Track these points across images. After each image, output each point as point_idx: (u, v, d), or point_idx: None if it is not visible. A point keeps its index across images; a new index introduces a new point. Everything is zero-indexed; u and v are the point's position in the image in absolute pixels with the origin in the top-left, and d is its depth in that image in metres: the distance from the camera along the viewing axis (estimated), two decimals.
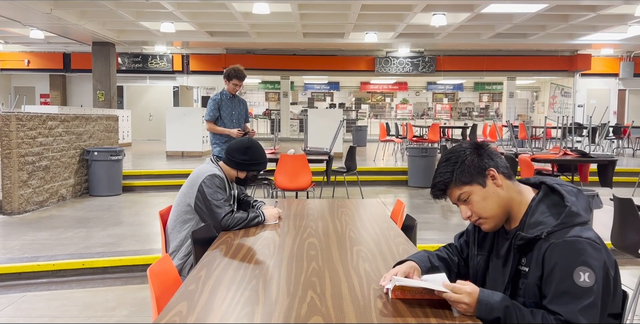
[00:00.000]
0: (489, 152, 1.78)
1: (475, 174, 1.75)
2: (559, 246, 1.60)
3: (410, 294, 1.76)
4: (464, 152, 1.77)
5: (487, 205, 1.75)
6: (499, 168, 1.76)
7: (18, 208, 6.47)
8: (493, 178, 1.74)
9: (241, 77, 5.62)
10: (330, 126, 11.24)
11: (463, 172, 1.76)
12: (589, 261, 1.56)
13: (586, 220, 1.66)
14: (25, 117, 6.59)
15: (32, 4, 10.74)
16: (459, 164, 1.76)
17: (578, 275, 1.55)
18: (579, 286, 1.55)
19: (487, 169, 1.75)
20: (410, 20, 12.65)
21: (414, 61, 18.55)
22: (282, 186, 6.26)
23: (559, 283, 1.58)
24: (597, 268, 1.56)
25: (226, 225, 2.88)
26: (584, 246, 1.58)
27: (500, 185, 1.74)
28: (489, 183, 1.75)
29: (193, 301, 1.78)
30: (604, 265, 1.59)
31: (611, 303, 1.65)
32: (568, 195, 1.70)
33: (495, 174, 1.74)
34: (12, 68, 18.75)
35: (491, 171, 1.74)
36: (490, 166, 1.75)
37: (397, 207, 3.46)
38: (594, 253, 1.57)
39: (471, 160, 1.75)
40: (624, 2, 10.24)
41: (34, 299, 4.08)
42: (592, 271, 1.55)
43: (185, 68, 18.89)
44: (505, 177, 1.76)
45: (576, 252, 1.58)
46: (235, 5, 11.32)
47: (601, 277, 1.56)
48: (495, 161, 1.76)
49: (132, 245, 5.13)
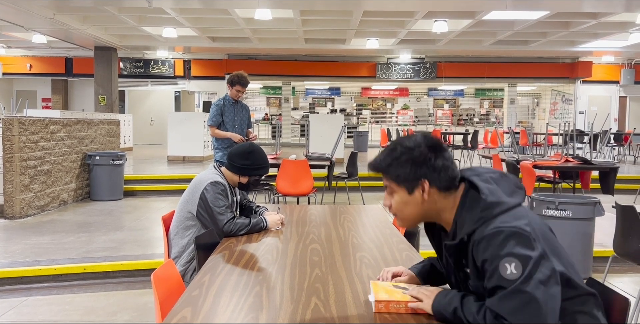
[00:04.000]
0: (438, 159, 1.65)
1: (407, 179, 1.66)
2: (482, 242, 1.51)
3: (394, 309, 1.74)
4: (413, 151, 1.66)
5: (405, 209, 1.70)
6: (437, 181, 1.64)
7: (19, 212, 6.47)
8: (422, 190, 1.65)
9: (244, 83, 5.64)
10: (331, 132, 11.25)
11: (397, 170, 1.67)
12: (513, 251, 1.44)
13: (512, 205, 1.56)
14: (28, 121, 6.60)
15: (35, 9, 10.79)
16: (398, 160, 1.67)
17: (504, 268, 1.44)
18: (507, 279, 1.44)
19: (420, 179, 1.64)
20: (411, 27, 12.69)
21: (415, 67, 18.59)
22: (284, 191, 6.26)
23: (489, 280, 1.49)
24: (524, 256, 1.44)
25: (228, 231, 2.89)
26: (506, 236, 1.47)
27: (425, 198, 1.65)
28: (416, 192, 1.66)
29: (197, 307, 1.78)
30: (537, 252, 1.45)
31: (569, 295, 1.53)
32: (484, 184, 1.61)
33: (426, 187, 1.64)
34: (14, 73, 18.80)
35: (424, 184, 1.64)
36: (425, 178, 1.64)
37: None
38: (520, 241, 1.46)
39: (412, 162, 1.64)
40: (625, 10, 10.27)
41: (35, 303, 4.08)
42: (517, 261, 1.43)
43: (187, 73, 18.94)
44: (440, 190, 1.65)
45: (498, 244, 1.47)
46: (237, 11, 11.37)
47: (533, 266, 1.43)
48: (437, 171, 1.63)
49: (134, 250, 5.13)
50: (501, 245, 1.47)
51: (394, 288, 1.84)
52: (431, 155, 1.64)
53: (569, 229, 4.52)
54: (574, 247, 4.56)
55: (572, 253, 4.59)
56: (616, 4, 9.78)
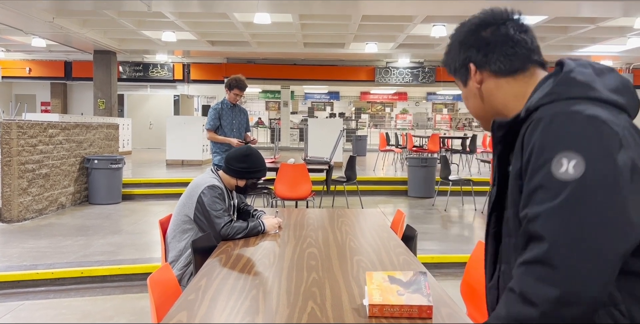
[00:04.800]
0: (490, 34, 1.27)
1: (456, 68, 1.35)
2: (541, 123, 1.07)
3: (388, 313, 1.73)
4: (459, 32, 1.35)
5: (469, 104, 1.36)
6: (486, 63, 1.27)
7: (17, 216, 6.46)
8: (477, 77, 1.29)
9: (242, 87, 5.64)
10: (330, 135, 11.26)
11: (447, 60, 1.38)
12: (579, 145, 1.00)
13: (605, 98, 1.08)
14: (26, 125, 6.60)
15: (34, 13, 10.80)
16: (449, 48, 1.37)
17: (559, 164, 1.01)
18: (557, 179, 1.00)
19: (466, 64, 1.30)
20: (410, 31, 12.72)
21: (413, 71, 18.63)
22: (282, 195, 6.26)
23: (531, 176, 1.06)
24: (594, 156, 0.99)
25: (225, 234, 2.88)
26: (579, 123, 1.03)
27: (477, 87, 1.30)
28: (470, 82, 1.32)
29: (193, 311, 1.78)
30: (614, 157, 0.99)
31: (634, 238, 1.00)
32: (576, 65, 1.17)
33: (471, 71, 1.29)
34: (13, 76, 18.80)
35: (471, 67, 1.29)
36: (471, 61, 1.29)
37: (397, 217, 3.46)
38: (595, 135, 1.01)
39: (458, 45, 1.33)
40: (623, 15, 10.30)
41: (33, 307, 4.06)
42: (581, 159, 0.99)
43: (186, 77, 18.95)
44: (497, 75, 1.26)
45: (563, 131, 1.03)
46: (236, 15, 11.39)
47: (600, 172, 0.99)
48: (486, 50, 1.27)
49: (131, 254, 5.12)
50: (567, 133, 1.03)
51: (389, 284, 1.81)
52: (478, 32, 1.29)
53: None
54: None
55: None
56: (614, 9, 9.80)
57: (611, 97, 1.09)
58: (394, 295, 1.76)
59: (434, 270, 4.97)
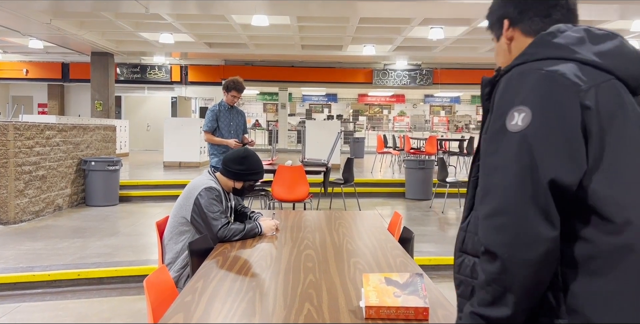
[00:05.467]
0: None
1: (492, 21, 1.35)
2: (502, 82, 1.15)
3: (384, 314, 1.73)
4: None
5: (498, 60, 1.37)
6: (520, 21, 1.27)
7: (14, 218, 6.44)
8: (508, 33, 1.30)
9: (240, 89, 5.65)
10: (327, 137, 11.27)
11: (489, 13, 1.38)
12: (529, 98, 1.06)
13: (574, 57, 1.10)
14: (23, 127, 6.59)
15: (31, 14, 10.80)
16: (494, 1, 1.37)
17: (511, 116, 1.07)
18: (508, 131, 1.07)
19: (502, 20, 1.30)
20: (408, 34, 12.74)
21: (411, 74, 18.66)
22: (280, 197, 6.26)
23: (488, 129, 1.14)
24: (541, 107, 1.05)
25: (222, 236, 2.88)
26: (534, 79, 1.08)
27: (508, 43, 1.30)
28: (502, 38, 1.32)
29: (189, 313, 1.78)
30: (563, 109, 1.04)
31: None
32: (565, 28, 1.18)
33: (505, 27, 1.29)
34: (10, 78, 18.78)
35: (505, 22, 1.29)
36: (507, 17, 1.29)
37: (395, 219, 3.46)
38: (546, 89, 1.06)
39: (497, 2, 1.34)
40: (620, 18, 10.34)
41: (29, 309, 4.05)
42: (529, 111, 1.05)
43: (184, 79, 18.94)
44: (527, 34, 1.26)
45: (519, 86, 1.09)
46: (234, 17, 11.40)
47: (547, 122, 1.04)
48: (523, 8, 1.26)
49: (128, 256, 5.11)
50: (521, 88, 1.08)
51: (386, 285, 1.81)
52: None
53: None
54: None
55: None
56: (611, 12, 9.84)
57: (590, 58, 1.09)
58: (391, 297, 1.76)
59: (430, 272, 4.97)
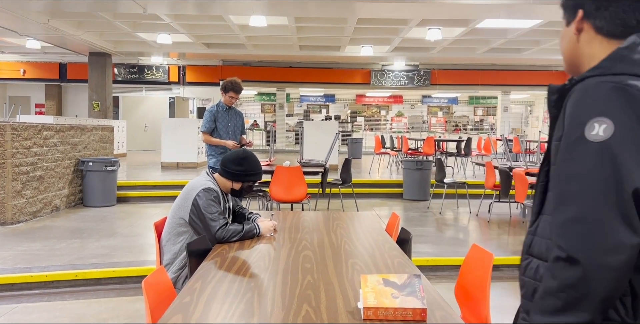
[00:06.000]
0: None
1: (567, 6, 1.35)
2: (578, 92, 1.16)
3: (382, 315, 1.74)
4: None
5: (562, 43, 1.39)
6: (594, 16, 1.26)
7: (11, 219, 6.43)
8: (578, 23, 1.30)
9: (238, 89, 5.65)
10: (325, 138, 11.27)
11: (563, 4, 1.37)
12: (611, 111, 1.09)
13: None
14: (20, 127, 6.58)
15: (29, 14, 10.78)
16: None
17: (591, 127, 1.09)
18: (589, 140, 1.09)
19: (578, 8, 1.30)
20: (405, 34, 12.76)
21: (409, 74, 18.68)
22: (278, 198, 6.26)
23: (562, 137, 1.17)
24: (623, 119, 1.07)
25: (220, 237, 2.88)
26: (612, 91, 1.10)
27: (575, 32, 1.30)
28: (572, 25, 1.31)
29: (188, 314, 1.78)
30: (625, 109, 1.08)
31: None
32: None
33: (578, 17, 1.29)
34: (7, 78, 18.75)
35: (579, 13, 1.29)
36: (582, 8, 1.29)
37: (392, 220, 3.47)
38: (627, 102, 1.09)
39: None
40: None
41: (26, 310, 4.05)
42: (611, 123, 1.07)
43: (182, 79, 18.93)
44: (597, 31, 1.27)
45: (597, 99, 1.11)
46: (232, 17, 11.40)
47: (631, 133, 1.07)
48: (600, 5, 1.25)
49: (126, 256, 5.10)
50: (600, 101, 1.11)
51: (384, 287, 1.82)
52: None
53: None
54: None
55: None
56: None
57: None
58: (389, 298, 1.77)
59: (428, 273, 4.98)
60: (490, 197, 7.88)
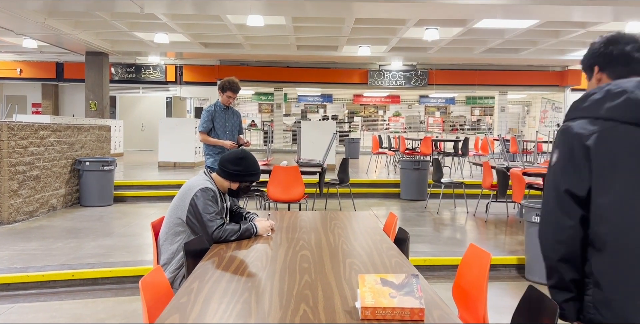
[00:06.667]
0: (614, 49, 1.75)
1: (585, 66, 1.83)
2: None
3: (380, 315, 1.74)
4: (594, 44, 1.82)
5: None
6: (607, 68, 1.75)
7: (7, 218, 6.41)
8: (598, 76, 1.77)
9: (235, 89, 5.64)
10: (323, 138, 11.27)
11: (583, 61, 1.86)
12: (558, 146, 1.69)
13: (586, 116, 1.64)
14: (17, 126, 6.56)
15: (26, 14, 10.75)
16: (586, 53, 1.84)
17: (553, 156, 1.72)
18: (551, 165, 1.72)
19: (594, 66, 1.79)
20: (403, 34, 12.77)
21: (406, 74, 18.69)
22: (275, 198, 6.25)
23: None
24: (563, 151, 1.66)
25: (218, 237, 2.88)
26: (560, 133, 1.70)
27: (598, 82, 1.77)
28: (593, 79, 1.80)
29: (185, 314, 1.77)
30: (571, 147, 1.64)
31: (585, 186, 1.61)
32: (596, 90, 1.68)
33: (595, 71, 1.78)
34: (4, 77, 18.69)
35: (595, 68, 1.78)
36: (597, 65, 1.77)
37: (390, 220, 3.47)
38: (566, 140, 1.66)
39: (593, 50, 1.80)
40: (614, 19, 10.40)
41: (23, 310, 4.03)
42: (557, 153, 1.68)
43: (179, 79, 18.91)
44: (610, 76, 1.74)
45: (555, 138, 1.74)
46: (229, 17, 11.39)
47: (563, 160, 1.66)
48: (610, 60, 1.74)
49: (123, 256, 5.09)
50: (556, 138, 1.72)
51: (381, 286, 1.82)
52: (606, 46, 1.76)
53: None
54: None
55: None
56: (605, 14, 9.89)
57: (598, 114, 1.62)
58: (386, 298, 1.77)
59: (426, 273, 4.98)
60: (487, 197, 7.89)
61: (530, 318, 1.96)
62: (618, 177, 1.55)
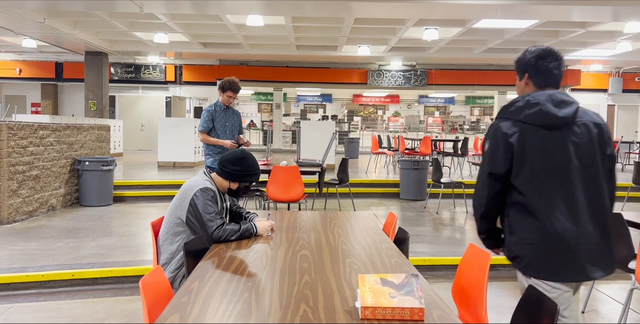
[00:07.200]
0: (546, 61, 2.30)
1: (519, 70, 2.41)
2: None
3: (380, 315, 1.74)
4: (528, 53, 2.37)
5: (518, 90, 2.44)
6: (535, 76, 2.32)
7: (7, 218, 6.41)
8: (526, 81, 2.36)
9: (235, 89, 5.64)
10: (322, 138, 11.28)
11: (516, 65, 2.43)
12: (488, 138, 2.31)
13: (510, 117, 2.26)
14: (16, 126, 6.56)
15: (25, 13, 10.74)
16: (520, 56, 2.42)
17: (485, 145, 2.32)
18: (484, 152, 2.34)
19: (524, 72, 2.37)
20: (402, 34, 12.76)
21: (406, 74, 18.69)
22: (275, 197, 6.26)
23: None
24: (491, 143, 2.28)
25: (218, 237, 2.88)
26: (491, 128, 2.31)
27: (524, 85, 2.39)
28: (522, 81, 2.39)
29: (185, 314, 1.77)
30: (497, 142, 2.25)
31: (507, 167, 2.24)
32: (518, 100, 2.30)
33: (526, 78, 2.36)
34: (3, 77, 18.67)
35: (526, 75, 2.36)
36: (527, 72, 2.35)
37: (390, 220, 3.47)
38: (494, 134, 2.27)
39: (526, 59, 2.36)
40: (613, 19, 10.40)
41: (22, 310, 4.03)
42: (488, 144, 2.29)
43: (178, 78, 18.90)
44: (535, 85, 2.33)
45: (489, 130, 2.33)
46: (229, 17, 11.38)
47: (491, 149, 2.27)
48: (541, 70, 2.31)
49: (123, 256, 5.09)
50: (488, 131, 2.34)
51: (381, 286, 1.82)
52: (536, 60, 2.32)
53: None
54: None
55: None
56: (604, 14, 9.89)
57: (519, 118, 2.23)
58: (386, 298, 1.77)
59: (425, 273, 4.99)
60: None
61: (530, 318, 1.96)
62: (530, 165, 2.19)
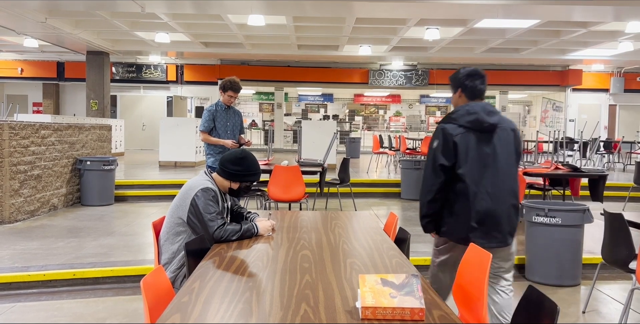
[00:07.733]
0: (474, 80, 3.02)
1: (453, 86, 3.11)
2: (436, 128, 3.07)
3: (380, 315, 1.75)
4: (460, 73, 3.06)
5: (453, 102, 3.14)
6: (466, 91, 3.03)
7: (9, 217, 6.42)
8: (459, 94, 3.07)
9: (237, 89, 5.65)
10: (323, 138, 11.28)
11: (452, 80, 3.11)
12: (437, 137, 2.96)
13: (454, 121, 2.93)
14: (18, 126, 6.57)
15: (26, 13, 10.76)
16: (454, 75, 3.10)
17: (433, 143, 2.95)
18: (432, 147, 2.96)
19: (458, 88, 3.06)
20: (404, 34, 12.77)
21: (407, 74, 18.69)
22: (276, 197, 6.26)
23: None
24: (440, 141, 2.91)
25: (219, 237, 2.88)
26: (439, 128, 2.96)
27: (457, 98, 3.09)
28: (456, 94, 3.10)
29: (186, 313, 1.78)
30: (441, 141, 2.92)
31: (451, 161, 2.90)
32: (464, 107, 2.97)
33: (460, 92, 3.06)
34: (5, 77, 18.70)
35: (459, 90, 3.06)
36: (460, 87, 3.05)
37: (390, 220, 3.47)
38: (441, 134, 2.93)
39: (459, 78, 3.05)
40: (615, 19, 10.40)
41: (24, 309, 4.04)
42: (437, 142, 2.93)
43: (180, 78, 18.92)
44: (467, 97, 3.04)
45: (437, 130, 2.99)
46: (230, 16, 11.39)
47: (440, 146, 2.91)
48: (469, 86, 3.01)
49: (124, 256, 5.10)
50: (436, 131, 3.00)
51: (382, 286, 1.83)
52: (467, 78, 3.02)
53: (558, 236, 4.55)
54: (563, 254, 4.59)
55: (561, 260, 4.62)
56: (606, 13, 9.89)
57: (460, 123, 2.91)
58: (387, 298, 1.77)
59: (426, 273, 4.98)
60: None
61: (530, 317, 1.97)
62: (469, 158, 2.87)
